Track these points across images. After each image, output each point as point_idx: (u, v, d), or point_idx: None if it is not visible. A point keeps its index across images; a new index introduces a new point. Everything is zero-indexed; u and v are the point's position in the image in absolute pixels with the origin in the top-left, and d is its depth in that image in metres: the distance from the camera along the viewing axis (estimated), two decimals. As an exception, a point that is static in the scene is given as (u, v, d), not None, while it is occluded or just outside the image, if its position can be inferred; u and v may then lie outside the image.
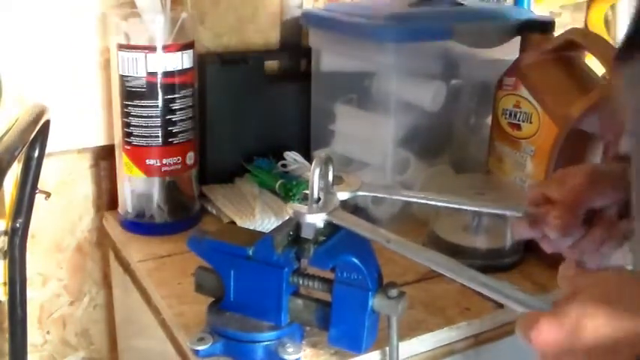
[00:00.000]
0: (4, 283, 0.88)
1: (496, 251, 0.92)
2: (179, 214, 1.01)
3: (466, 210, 0.78)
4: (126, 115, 0.95)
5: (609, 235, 0.65)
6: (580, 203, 0.64)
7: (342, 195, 0.67)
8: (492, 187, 0.98)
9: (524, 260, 0.92)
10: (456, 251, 0.91)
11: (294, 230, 0.68)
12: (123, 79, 0.94)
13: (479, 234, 0.93)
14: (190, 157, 1.00)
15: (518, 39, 1.00)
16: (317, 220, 0.65)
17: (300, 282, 0.69)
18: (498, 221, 0.93)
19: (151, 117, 0.95)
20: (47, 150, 0.88)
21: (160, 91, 0.94)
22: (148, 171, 0.97)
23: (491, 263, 0.90)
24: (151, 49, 0.92)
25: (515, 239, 0.90)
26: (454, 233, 0.94)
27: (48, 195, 0.95)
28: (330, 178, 0.68)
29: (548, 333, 0.47)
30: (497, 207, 0.73)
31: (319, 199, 0.66)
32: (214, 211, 1.04)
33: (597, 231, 0.65)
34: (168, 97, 0.94)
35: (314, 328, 0.72)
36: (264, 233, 0.72)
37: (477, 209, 0.75)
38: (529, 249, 0.91)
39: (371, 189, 0.73)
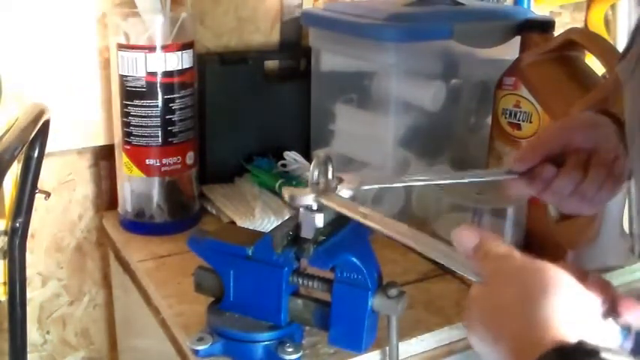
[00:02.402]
0: (4, 283, 0.88)
1: (496, 251, 0.92)
2: (179, 214, 1.01)
3: (465, 183, 0.78)
4: (126, 114, 0.95)
5: (607, 173, 0.67)
6: (542, 143, 0.70)
7: (346, 193, 0.67)
8: (492, 186, 0.98)
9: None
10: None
11: (293, 230, 0.68)
12: (123, 78, 0.94)
13: (479, 234, 0.93)
14: (190, 157, 1.00)
15: (518, 39, 1.00)
16: (309, 201, 0.64)
17: (300, 282, 0.69)
18: (498, 220, 0.93)
19: (151, 117, 0.95)
20: (47, 150, 0.88)
21: (159, 90, 0.94)
22: (147, 171, 0.97)
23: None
24: (151, 49, 0.92)
25: (514, 198, 0.90)
26: (454, 233, 0.93)
27: (48, 195, 0.95)
28: (330, 175, 0.67)
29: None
30: (495, 173, 0.74)
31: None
32: (214, 211, 1.04)
33: (595, 170, 0.67)
34: (168, 96, 0.94)
35: (314, 328, 0.72)
36: (263, 233, 0.72)
37: (475, 180, 0.76)
38: (528, 249, 0.91)
39: (372, 181, 0.72)
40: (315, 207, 0.65)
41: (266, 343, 0.70)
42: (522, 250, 0.92)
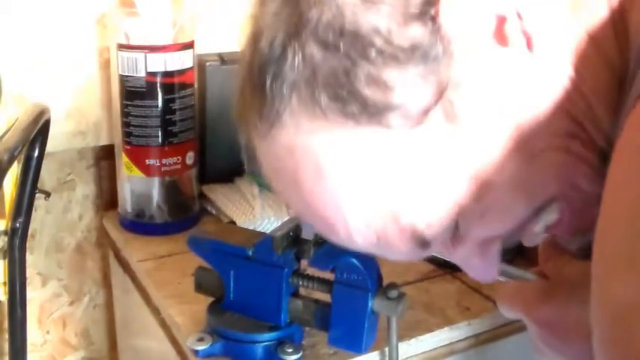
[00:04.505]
0: (4, 283, 0.88)
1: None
2: (179, 214, 1.01)
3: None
4: (126, 115, 0.95)
5: None
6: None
7: None
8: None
9: (514, 262, 0.92)
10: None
11: (294, 231, 0.68)
12: (123, 78, 0.94)
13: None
14: (190, 157, 1.00)
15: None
16: None
17: (300, 283, 0.69)
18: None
19: (151, 117, 0.94)
20: (47, 150, 0.88)
21: (159, 90, 0.94)
22: (147, 171, 0.97)
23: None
24: (151, 49, 0.92)
25: None
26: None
27: (48, 195, 0.95)
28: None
29: (546, 313, 0.49)
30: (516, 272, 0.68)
31: None
32: (214, 211, 1.04)
33: None
34: (168, 97, 0.94)
35: (314, 329, 0.72)
36: (264, 233, 0.72)
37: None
38: (519, 252, 0.91)
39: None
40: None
41: (266, 343, 0.70)
42: (513, 253, 0.92)
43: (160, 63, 0.93)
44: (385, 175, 0.43)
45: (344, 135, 0.42)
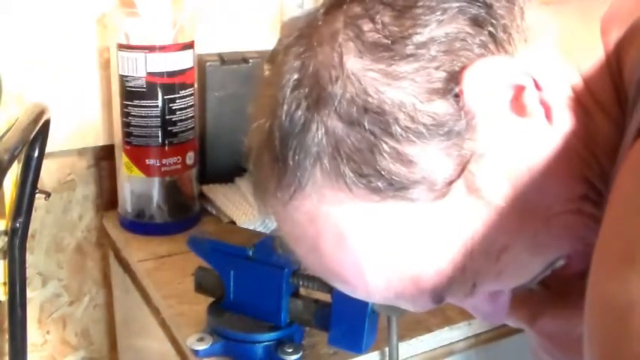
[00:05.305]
0: (4, 283, 0.88)
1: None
2: (179, 214, 1.01)
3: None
4: (126, 115, 0.95)
5: None
6: None
7: None
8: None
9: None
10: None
11: (294, 230, 0.67)
12: (123, 79, 0.94)
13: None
14: (190, 157, 1.00)
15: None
16: None
17: (300, 283, 0.69)
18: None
19: (151, 117, 0.94)
20: (47, 150, 0.88)
21: (159, 91, 0.94)
22: (147, 171, 0.97)
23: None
24: (151, 49, 0.92)
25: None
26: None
27: (48, 195, 0.95)
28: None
29: (549, 324, 0.50)
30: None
31: None
32: (214, 211, 1.04)
33: None
34: (168, 97, 0.94)
35: (314, 329, 0.72)
36: (264, 233, 0.72)
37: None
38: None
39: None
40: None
41: (266, 343, 0.70)
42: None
43: (160, 63, 0.93)
44: (406, 244, 0.43)
45: (367, 207, 0.42)
